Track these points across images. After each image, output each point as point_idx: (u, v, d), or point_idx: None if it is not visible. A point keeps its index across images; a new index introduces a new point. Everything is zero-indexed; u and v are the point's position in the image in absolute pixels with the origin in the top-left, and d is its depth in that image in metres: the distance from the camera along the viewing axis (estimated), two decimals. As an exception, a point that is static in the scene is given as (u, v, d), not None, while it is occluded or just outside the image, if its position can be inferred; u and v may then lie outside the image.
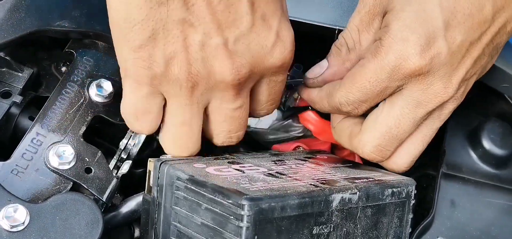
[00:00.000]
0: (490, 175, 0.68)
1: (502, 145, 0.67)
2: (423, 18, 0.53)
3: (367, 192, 0.52)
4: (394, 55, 0.53)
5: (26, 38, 0.61)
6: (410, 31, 0.53)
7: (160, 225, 0.53)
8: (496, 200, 0.65)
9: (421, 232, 0.62)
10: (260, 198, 0.47)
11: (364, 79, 0.54)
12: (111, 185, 0.57)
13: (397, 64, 0.53)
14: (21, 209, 0.52)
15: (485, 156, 0.68)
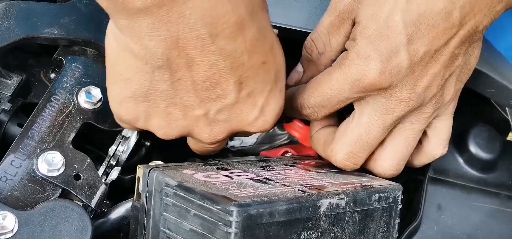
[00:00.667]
0: (477, 179, 0.68)
1: (488, 150, 0.68)
2: (386, 35, 0.53)
3: (354, 197, 0.52)
4: (355, 69, 0.54)
5: (15, 45, 0.60)
6: (372, 48, 0.53)
7: (149, 232, 0.53)
8: (483, 204, 0.66)
9: (408, 236, 0.62)
10: (248, 204, 0.46)
11: (327, 86, 0.56)
12: (100, 191, 0.57)
13: (357, 78, 0.54)
14: (10, 216, 0.52)
15: (472, 161, 0.68)
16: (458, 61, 0.56)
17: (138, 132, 0.61)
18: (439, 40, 0.54)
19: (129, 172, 0.62)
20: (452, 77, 0.57)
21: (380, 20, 0.53)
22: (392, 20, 0.53)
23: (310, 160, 0.62)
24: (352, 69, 0.54)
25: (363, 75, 0.54)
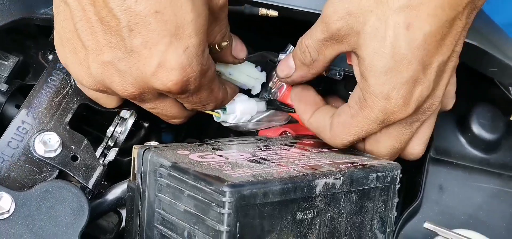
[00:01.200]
0: (479, 159, 0.68)
1: (491, 130, 0.67)
2: (397, 70, 0.52)
3: (351, 176, 0.52)
4: (381, 111, 0.54)
5: (11, 26, 0.60)
6: (389, 87, 0.52)
7: (144, 212, 0.53)
8: (485, 185, 0.65)
9: (409, 217, 0.62)
10: (241, 185, 0.46)
11: (356, 129, 0.55)
12: (97, 172, 0.57)
13: (386, 118, 0.54)
14: (6, 197, 0.52)
15: (474, 141, 0.68)
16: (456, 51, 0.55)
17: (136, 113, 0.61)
18: (448, 48, 0.53)
19: (128, 154, 0.62)
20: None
21: (386, 56, 0.52)
22: (398, 53, 0.51)
23: (308, 140, 0.62)
24: (376, 111, 0.54)
25: (390, 114, 0.54)
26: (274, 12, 0.60)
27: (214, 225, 0.46)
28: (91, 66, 0.51)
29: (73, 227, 0.52)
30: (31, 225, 0.51)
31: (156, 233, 0.52)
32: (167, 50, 0.49)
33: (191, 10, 0.49)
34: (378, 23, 0.51)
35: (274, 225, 0.48)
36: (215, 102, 0.57)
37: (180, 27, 0.49)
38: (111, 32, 0.49)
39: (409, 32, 0.51)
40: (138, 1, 0.47)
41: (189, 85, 0.51)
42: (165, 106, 0.55)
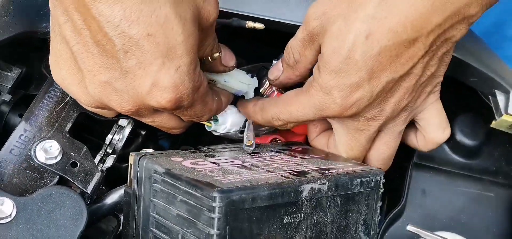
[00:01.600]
0: (461, 165, 0.68)
1: (472, 137, 0.68)
2: (347, 71, 0.53)
3: (336, 182, 0.52)
4: (318, 100, 0.55)
5: (14, 39, 0.60)
6: (334, 84, 0.54)
7: (140, 216, 0.53)
8: (466, 189, 0.66)
9: (392, 220, 0.62)
10: (230, 190, 0.46)
11: (294, 108, 0.57)
12: (96, 178, 0.57)
13: (320, 108, 0.56)
14: (7, 202, 0.52)
15: (456, 147, 0.68)
16: (426, 74, 0.56)
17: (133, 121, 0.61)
18: (403, 67, 0.53)
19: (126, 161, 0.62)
20: (423, 86, 0.57)
21: (340, 57, 0.53)
22: (352, 57, 0.52)
23: (297, 146, 0.62)
24: (315, 99, 0.55)
25: (325, 107, 0.55)
26: (260, 25, 0.61)
27: (205, 228, 0.47)
28: (89, 86, 0.52)
29: (72, 231, 0.52)
30: (31, 229, 0.52)
31: (151, 236, 0.52)
32: (160, 70, 0.49)
33: (182, 32, 0.49)
34: (344, 26, 0.52)
35: (262, 229, 0.48)
36: (209, 113, 0.57)
37: (171, 48, 0.49)
38: (107, 54, 0.49)
39: (367, 41, 0.52)
40: (131, 25, 0.48)
41: (182, 102, 0.52)
42: (162, 119, 0.56)
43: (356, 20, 0.52)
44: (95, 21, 0.48)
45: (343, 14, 0.52)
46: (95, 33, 0.49)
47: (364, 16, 0.51)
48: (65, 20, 0.50)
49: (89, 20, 0.48)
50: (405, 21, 0.51)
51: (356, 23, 0.52)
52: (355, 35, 0.52)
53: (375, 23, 0.51)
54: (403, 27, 0.51)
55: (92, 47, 0.50)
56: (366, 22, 0.51)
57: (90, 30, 0.49)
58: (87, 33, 0.49)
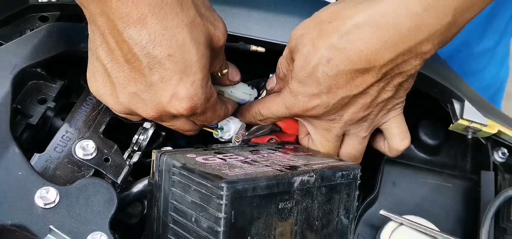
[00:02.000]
0: (424, 160, 0.68)
1: (434, 137, 0.68)
2: (310, 83, 0.54)
3: (322, 174, 0.52)
4: (288, 101, 0.57)
5: (58, 57, 0.61)
6: (300, 89, 0.55)
7: (161, 202, 0.53)
8: (429, 180, 0.66)
9: (367, 206, 0.62)
10: (236, 181, 0.47)
11: (272, 105, 0.59)
12: (125, 171, 0.57)
13: (289, 107, 0.57)
14: (52, 190, 0.52)
15: (421, 146, 0.68)
16: (382, 97, 0.56)
17: (155, 124, 0.62)
18: (357, 88, 0.54)
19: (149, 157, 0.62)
20: (381, 105, 0.57)
21: (306, 72, 0.54)
22: (314, 75, 0.54)
23: (289, 145, 0.62)
24: (286, 99, 0.57)
25: (292, 106, 0.57)
26: (262, 49, 0.61)
27: (214, 212, 0.47)
28: (120, 96, 0.53)
29: (105, 214, 0.52)
30: (72, 213, 0.52)
31: (170, 218, 0.52)
32: (178, 84, 0.50)
33: (196, 53, 0.50)
34: (312, 49, 0.53)
35: (261, 213, 0.48)
36: (218, 118, 0.58)
37: (188, 66, 0.50)
38: (135, 70, 0.50)
39: (328, 64, 0.53)
40: (155, 47, 0.48)
41: (196, 109, 0.52)
42: (179, 123, 0.57)
43: (322, 47, 0.53)
44: (126, 44, 0.48)
45: (313, 40, 0.53)
46: (125, 53, 0.49)
47: (328, 45, 0.52)
48: (101, 42, 0.51)
49: (121, 42, 0.49)
50: (360, 54, 0.51)
51: (321, 50, 0.53)
52: (318, 58, 0.53)
53: (336, 52, 0.52)
54: (358, 58, 0.51)
55: (122, 64, 0.50)
56: (329, 50, 0.52)
57: (121, 50, 0.49)
58: (119, 53, 0.50)
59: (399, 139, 0.60)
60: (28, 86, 0.61)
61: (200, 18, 0.50)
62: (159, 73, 0.50)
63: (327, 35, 0.52)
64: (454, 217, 0.63)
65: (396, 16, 0.49)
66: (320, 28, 0.53)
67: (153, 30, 0.48)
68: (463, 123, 0.63)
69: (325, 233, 0.54)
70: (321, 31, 0.53)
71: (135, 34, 0.48)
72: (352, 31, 0.51)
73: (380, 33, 0.50)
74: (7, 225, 0.50)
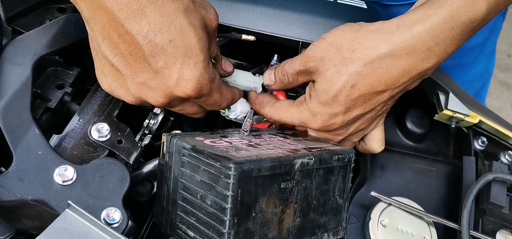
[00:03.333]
0: (411, 147, 0.68)
1: (420, 126, 0.68)
2: (331, 105, 0.55)
3: (320, 157, 0.52)
4: (305, 117, 0.57)
5: (74, 45, 0.60)
6: (320, 110, 0.56)
7: (170, 181, 0.53)
8: (414, 165, 0.66)
9: (358, 187, 0.63)
10: (242, 162, 0.47)
11: (285, 114, 0.59)
12: (137, 152, 0.57)
13: (305, 122, 0.58)
14: (70, 169, 0.52)
15: (408, 134, 0.69)
16: (383, 110, 0.59)
17: (164, 110, 0.61)
18: (370, 106, 0.56)
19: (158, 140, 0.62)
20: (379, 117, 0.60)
21: (329, 96, 0.55)
22: (337, 98, 0.54)
23: (288, 131, 0.62)
24: (303, 115, 0.57)
25: (308, 122, 0.57)
26: (252, 37, 0.61)
27: (222, 191, 0.47)
28: (130, 87, 0.52)
29: (118, 191, 0.52)
30: (88, 190, 0.52)
31: (179, 196, 0.52)
32: (182, 67, 0.49)
33: (194, 35, 0.49)
34: (336, 75, 0.54)
35: (265, 192, 0.48)
36: (227, 101, 0.57)
37: (188, 49, 0.49)
38: (140, 60, 0.49)
39: (351, 89, 0.54)
40: (156, 34, 0.48)
41: (202, 90, 0.52)
42: (188, 107, 0.56)
43: (346, 73, 0.54)
44: (129, 35, 0.48)
45: (336, 66, 0.54)
46: (128, 44, 0.48)
47: (352, 71, 0.53)
48: (103, 39, 0.49)
49: (124, 34, 0.48)
50: (381, 80, 0.53)
51: (346, 75, 0.54)
52: (343, 83, 0.54)
53: (360, 78, 0.53)
54: (378, 83, 0.54)
55: (127, 56, 0.49)
56: (354, 76, 0.53)
57: (124, 43, 0.48)
58: (123, 46, 0.49)
59: (379, 144, 0.62)
60: (47, 72, 0.61)
61: (193, 4, 0.50)
62: (163, 59, 0.49)
63: (350, 63, 0.53)
64: (438, 198, 0.63)
65: (413, 49, 0.52)
66: (342, 56, 0.54)
67: (152, 19, 0.47)
68: (447, 113, 0.63)
69: (321, 211, 0.54)
70: (343, 58, 0.54)
71: (136, 25, 0.47)
72: (376, 61, 0.53)
73: (399, 63, 0.53)
74: (28, 200, 0.50)
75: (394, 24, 0.53)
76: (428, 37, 0.52)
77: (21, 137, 0.52)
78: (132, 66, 0.50)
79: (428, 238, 0.58)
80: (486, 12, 0.52)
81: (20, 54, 0.56)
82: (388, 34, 0.52)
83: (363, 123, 0.58)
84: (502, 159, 0.67)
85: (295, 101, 0.59)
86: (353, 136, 0.60)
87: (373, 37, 0.53)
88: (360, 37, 0.53)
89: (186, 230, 0.51)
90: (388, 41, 0.52)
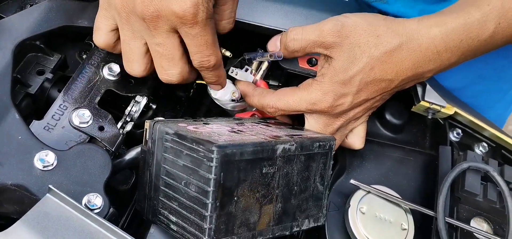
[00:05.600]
0: (389, 137, 0.69)
1: (398, 117, 0.69)
2: (345, 84, 0.56)
3: (301, 144, 0.53)
4: (315, 97, 0.57)
5: (56, 31, 0.60)
6: (332, 89, 0.56)
7: (153, 167, 0.53)
8: (393, 154, 0.67)
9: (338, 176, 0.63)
10: (225, 146, 0.47)
11: (291, 99, 0.58)
12: (118, 139, 0.57)
13: (314, 103, 0.57)
14: (50, 154, 0.52)
15: (386, 125, 0.69)
16: (377, 103, 0.60)
17: (147, 97, 0.61)
18: (377, 93, 0.57)
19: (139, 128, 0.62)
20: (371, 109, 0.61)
21: (347, 75, 0.55)
22: (354, 79, 0.56)
23: (271, 120, 0.63)
24: (313, 95, 0.57)
25: (319, 103, 0.57)
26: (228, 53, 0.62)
27: (205, 174, 0.47)
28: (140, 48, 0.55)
29: (100, 177, 0.52)
30: (69, 175, 0.52)
31: (162, 181, 0.52)
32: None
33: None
34: (359, 55, 0.55)
35: (247, 176, 0.49)
36: (216, 57, 0.55)
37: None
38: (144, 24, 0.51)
39: (369, 72, 0.55)
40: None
41: (198, 14, 0.50)
42: (172, 44, 0.53)
43: (368, 56, 0.55)
44: None
45: (361, 47, 0.55)
46: None
47: (374, 55, 0.55)
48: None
49: None
50: (393, 69, 0.56)
51: (367, 57, 0.55)
52: (364, 65, 0.55)
53: (378, 63, 0.55)
54: (391, 71, 0.56)
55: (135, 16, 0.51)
56: (373, 59, 0.55)
57: None
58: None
59: (361, 141, 0.63)
60: (27, 57, 0.60)
61: None
62: None
63: (375, 47, 0.55)
64: (414, 187, 0.64)
65: (426, 48, 0.55)
66: (368, 39, 0.55)
67: None
68: (424, 104, 0.65)
69: (302, 197, 0.54)
70: (369, 41, 0.55)
71: None
72: (395, 50, 0.55)
73: (412, 56, 0.55)
74: (7, 185, 0.49)
75: (415, 22, 0.56)
76: (441, 42, 0.55)
77: (1, 121, 0.52)
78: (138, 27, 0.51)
79: (405, 225, 0.59)
80: (492, 34, 0.56)
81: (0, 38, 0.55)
82: (409, 30, 0.55)
83: (362, 111, 0.59)
84: (476, 151, 0.69)
85: (301, 85, 0.58)
86: (346, 127, 0.61)
87: (396, 28, 0.55)
88: (386, 25, 0.55)
89: (168, 215, 0.51)
90: (407, 35, 0.55)
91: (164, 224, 0.52)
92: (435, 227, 0.57)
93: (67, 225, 0.47)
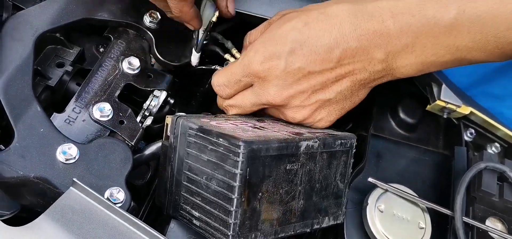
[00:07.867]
0: (404, 136, 0.69)
1: (412, 116, 0.69)
2: (275, 41, 0.53)
3: (324, 141, 0.53)
4: (247, 59, 0.54)
5: (76, 24, 0.59)
6: (262, 46, 0.53)
7: (175, 162, 0.53)
8: (407, 154, 0.67)
9: (357, 174, 0.63)
10: (251, 142, 0.47)
11: (229, 70, 0.57)
12: (138, 133, 0.56)
13: (246, 64, 0.54)
14: (73, 147, 0.51)
15: (401, 123, 0.69)
16: (329, 93, 0.55)
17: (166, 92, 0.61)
18: (315, 65, 0.52)
19: (157, 123, 0.62)
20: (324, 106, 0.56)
21: (277, 32, 0.53)
22: (285, 35, 0.53)
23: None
24: (245, 58, 0.55)
25: (250, 63, 0.54)
26: None
27: (230, 169, 0.47)
28: None
29: (121, 171, 0.52)
30: (90, 169, 0.51)
31: (184, 177, 0.52)
32: None
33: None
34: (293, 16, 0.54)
35: (271, 172, 0.49)
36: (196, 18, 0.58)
37: None
38: None
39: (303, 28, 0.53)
40: None
41: None
42: None
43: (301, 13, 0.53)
44: None
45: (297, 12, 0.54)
46: None
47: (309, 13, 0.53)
48: None
49: None
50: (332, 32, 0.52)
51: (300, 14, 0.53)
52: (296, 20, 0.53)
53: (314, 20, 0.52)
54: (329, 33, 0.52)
55: None
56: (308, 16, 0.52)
57: None
58: None
59: None
60: (47, 49, 0.60)
61: None
62: None
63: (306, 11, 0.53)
64: (428, 184, 0.64)
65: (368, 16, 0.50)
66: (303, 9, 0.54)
67: None
68: (440, 104, 0.65)
69: (323, 194, 0.54)
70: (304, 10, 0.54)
71: None
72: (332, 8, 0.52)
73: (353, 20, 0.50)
74: (30, 177, 0.49)
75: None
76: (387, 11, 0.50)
77: (23, 114, 0.51)
78: None
79: (422, 223, 0.59)
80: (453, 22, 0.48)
81: (21, 29, 0.54)
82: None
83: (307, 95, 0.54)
84: (489, 151, 0.69)
85: None
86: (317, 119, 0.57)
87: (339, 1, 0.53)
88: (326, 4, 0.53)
89: (190, 210, 0.51)
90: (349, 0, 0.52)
91: (186, 220, 0.51)
92: (452, 226, 0.57)
93: (91, 219, 0.46)
